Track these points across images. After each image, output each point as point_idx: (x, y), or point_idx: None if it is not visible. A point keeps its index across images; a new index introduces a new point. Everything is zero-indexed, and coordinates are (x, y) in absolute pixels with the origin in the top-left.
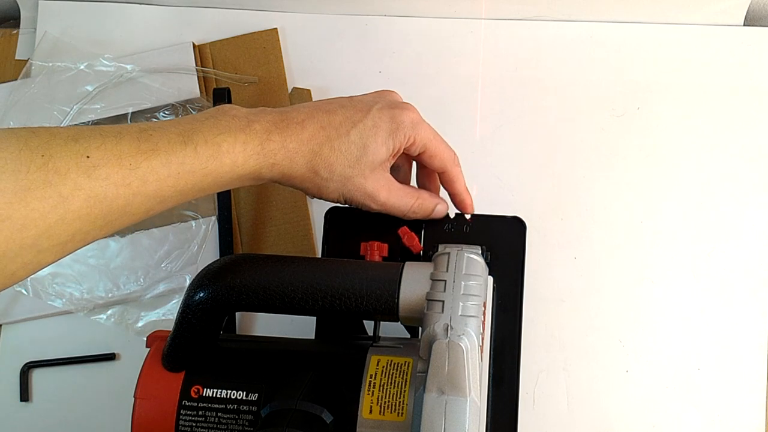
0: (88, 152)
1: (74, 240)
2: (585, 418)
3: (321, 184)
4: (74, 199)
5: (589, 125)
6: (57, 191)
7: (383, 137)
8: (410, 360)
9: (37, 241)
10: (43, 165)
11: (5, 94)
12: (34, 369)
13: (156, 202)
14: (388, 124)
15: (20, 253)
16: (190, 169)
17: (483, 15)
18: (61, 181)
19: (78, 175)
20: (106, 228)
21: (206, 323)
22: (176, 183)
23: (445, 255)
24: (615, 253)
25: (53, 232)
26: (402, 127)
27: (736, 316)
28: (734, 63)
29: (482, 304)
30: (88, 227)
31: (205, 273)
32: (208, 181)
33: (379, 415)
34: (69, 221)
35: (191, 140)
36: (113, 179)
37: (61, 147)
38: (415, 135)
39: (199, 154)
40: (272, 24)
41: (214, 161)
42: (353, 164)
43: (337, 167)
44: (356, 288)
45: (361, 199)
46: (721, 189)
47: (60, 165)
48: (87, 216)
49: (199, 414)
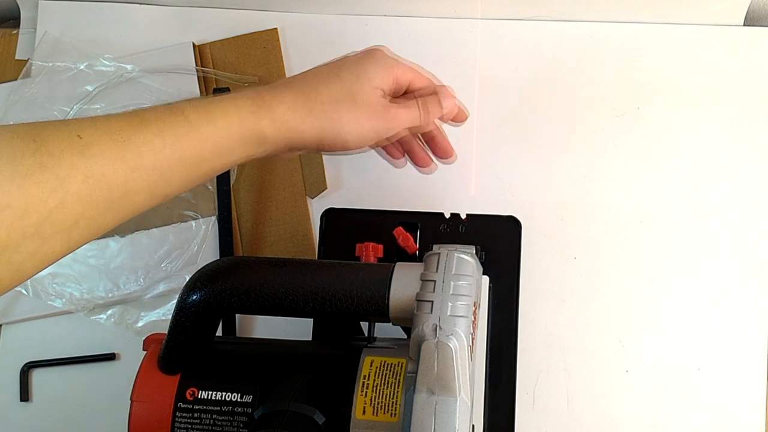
0: (79, 132)
1: (78, 226)
2: (585, 418)
3: (334, 119)
4: (72, 180)
5: (589, 125)
6: (54, 174)
7: (375, 71)
8: (403, 361)
9: (40, 228)
10: (36, 150)
11: (5, 94)
12: (34, 369)
13: (156, 176)
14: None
15: (24, 243)
16: (184, 134)
17: (483, 15)
18: (57, 163)
19: (72, 155)
20: (110, 212)
21: (200, 326)
22: (173, 153)
23: (435, 255)
24: (615, 253)
25: (55, 217)
26: (387, 61)
27: (736, 316)
28: (734, 63)
29: (473, 304)
30: (91, 211)
31: (198, 276)
32: (208, 148)
33: (372, 416)
34: (70, 204)
35: (179, 110)
36: (108, 155)
37: (51, 131)
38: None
39: (191, 120)
40: (272, 24)
41: (208, 125)
42: (354, 90)
43: (340, 96)
44: (347, 289)
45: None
46: (721, 189)
47: (53, 148)
48: (88, 197)
49: (194, 416)
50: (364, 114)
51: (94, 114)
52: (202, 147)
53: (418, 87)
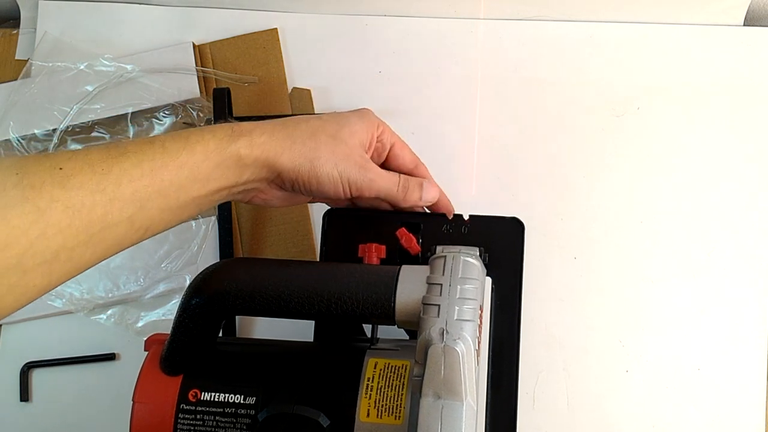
0: (60, 164)
1: (59, 258)
2: (585, 418)
3: (311, 148)
4: (52, 211)
5: (589, 125)
6: (35, 205)
7: (356, 121)
8: (408, 363)
9: (21, 260)
10: (18, 182)
11: (5, 94)
12: (34, 369)
13: (136, 208)
14: (358, 115)
15: (5, 274)
16: (162, 164)
17: (483, 15)
18: (38, 195)
19: (53, 187)
20: (90, 245)
21: (203, 327)
22: (151, 182)
23: (441, 258)
24: (615, 253)
25: (36, 248)
26: (370, 116)
27: (736, 316)
28: (734, 63)
29: (478, 307)
30: (71, 242)
31: (202, 277)
32: (184, 174)
33: (376, 419)
34: (50, 236)
35: (159, 140)
36: (88, 186)
37: (33, 164)
38: (383, 126)
39: (168, 149)
40: (272, 24)
41: (185, 152)
42: (335, 132)
43: (319, 132)
44: (352, 292)
45: (354, 168)
46: (721, 189)
47: (35, 180)
48: (68, 228)
49: (197, 418)
50: (341, 154)
51: (94, 114)
52: (179, 173)
53: (401, 156)
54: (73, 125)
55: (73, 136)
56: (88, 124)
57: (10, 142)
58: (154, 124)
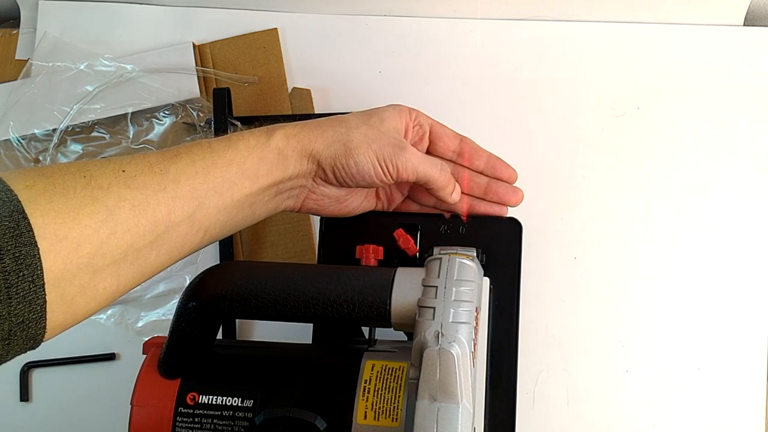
0: (123, 167)
1: (127, 259)
2: (585, 418)
3: (342, 133)
4: (120, 210)
5: (589, 125)
6: (104, 205)
7: (385, 109)
8: (405, 365)
9: (92, 259)
10: (86, 184)
11: (5, 94)
12: (34, 369)
13: (195, 206)
14: (386, 107)
15: (77, 274)
16: (212, 162)
17: (482, 15)
18: (106, 195)
19: (119, 187)
20: (156, 245)
21: (200, 331)
22: (205, 179)
23: (436, 260)
24: (615, 253)
25: (106, 248)
26: (400, 105)
27: (736, 316)
28: (734, 63)
29: (474, 309)
30: (138, 243)
31: (198, 281)
32: (233, 170)
33: (373, 421)
34: (119, 234)
35: (204, 142)
36: (150, 185)
37: (98, 167)
38: (415, 111)
39: (215, 148)
40: (272, 24)
41: (230, 150)
42: (366, 118)
43: (351, 120)
44: (348, 295)
45: (390, 147)
46: (722, 189)
47: (102, 181)
48: (135, 228)
49: (195, 421)
50: (373, 136)
51: (94, 114)
52: (228, 170)
53: (443, 134)
54: (73, 125)
55: (73, 136)
56: (88, 124)
57: (10, 142)
58: (154, 124)
